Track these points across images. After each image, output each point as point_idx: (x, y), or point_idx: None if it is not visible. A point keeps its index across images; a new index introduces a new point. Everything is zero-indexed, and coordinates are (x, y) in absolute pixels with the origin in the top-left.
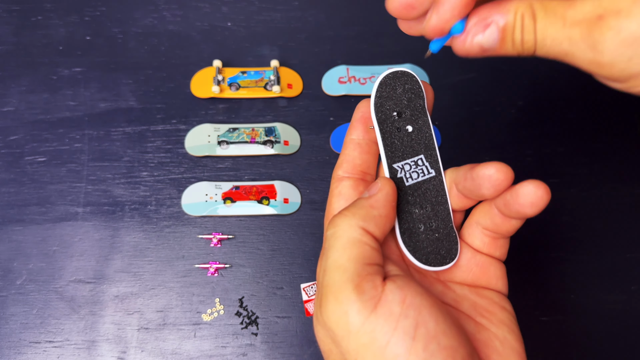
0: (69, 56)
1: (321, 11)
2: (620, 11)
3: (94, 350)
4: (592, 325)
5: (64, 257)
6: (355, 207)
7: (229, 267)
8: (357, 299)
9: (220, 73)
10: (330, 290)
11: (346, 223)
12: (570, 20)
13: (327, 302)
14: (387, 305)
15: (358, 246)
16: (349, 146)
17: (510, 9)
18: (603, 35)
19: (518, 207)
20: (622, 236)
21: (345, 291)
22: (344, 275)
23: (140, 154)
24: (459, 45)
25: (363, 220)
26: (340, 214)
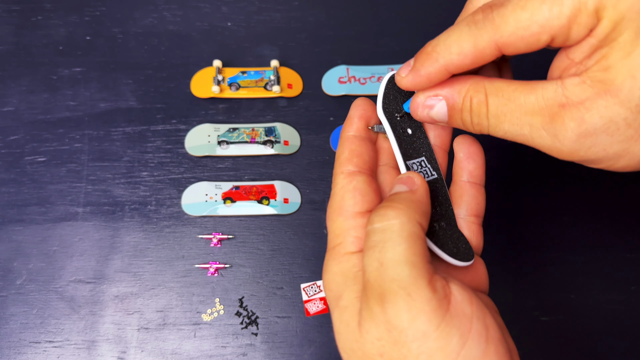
0: (69, 56)
1: (321, 11)
2: (584, 102)
3: (94, 350)
4: (592, 325)
5: (64, 257)
6: (405, 201)
7: (229, 267)
8: (432, 296)
9: (220, 73)
10: (400, 286)
11: (405, 216)
12: (531, 107)
13: (395, 298)
14: (459, 305)
15: (420, 242)
16: (354, 141)
17: (461, 90)
18: (564, 125)
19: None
20: (622, 236)
21: (419, 287)
22: (415, 271)
23: (140, 154)
24: (413, 112)
25: (418, 214)
26: (392, 207)
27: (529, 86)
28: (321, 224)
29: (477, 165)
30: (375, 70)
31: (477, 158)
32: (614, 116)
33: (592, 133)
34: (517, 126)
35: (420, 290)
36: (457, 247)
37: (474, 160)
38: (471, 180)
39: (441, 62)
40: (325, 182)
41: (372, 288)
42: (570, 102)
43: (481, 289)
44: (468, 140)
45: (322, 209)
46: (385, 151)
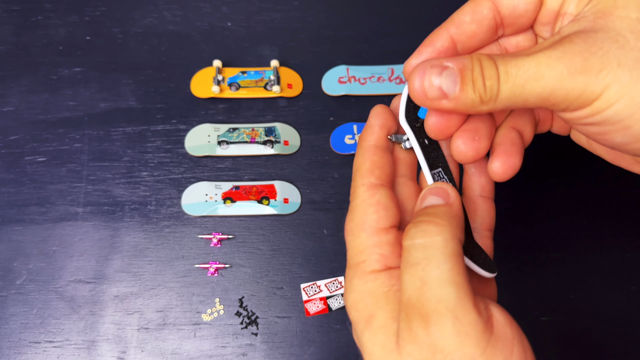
0: (69, 56)
1: (321, 11)
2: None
3: (94, 350)
4: (592, 325)
5: (64, 257)
6: (445, 216)
7: (229, 267)
8: (479, 319)
9: (220, 73)
10: (447, 308)
11: (448, 233)
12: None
13: (442, 320)
14: (501, 328)
15: (462, 261)
16: (376, 152)
17: (466, 56)
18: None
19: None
20: (622, 236)
21: (465, 310)
22: (461, 292)
23: (140, 154)
24: (422, 92)
25: (459, 230)
26: (434, 223)
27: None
28: (321, 224)
29: (489, 180)
30: (375, 70)
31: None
32: None
33: None
34: (536, 75)
35: (467, 313)
36: (482, 260)
37: (485, 174)
38: (484, 195)
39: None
40: (325, 182)
41: (414, 308)
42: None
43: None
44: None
45: (322, 209)
46: (402, 162)
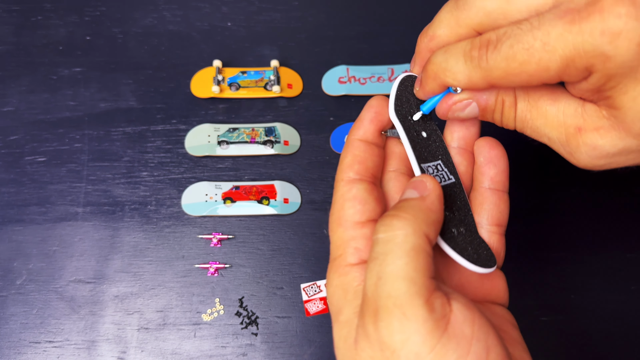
0: (69, 56)
1: (321, 11)
2: (599, 129)
3: (94, 350)
4: (592, 325)
5: (64, 257)
6: (413, 210)
7: (229, 267)
8: (429, 317)
9: (220, 73)
10: (395, 304)
11: (410, 228)
12: (551, 119)
13: (389, 316)
14: (458, 326)
15: (423, 256)
16: (359, 146)
17: (493, 92)
18: (579, 147)
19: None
20: (622, 236)
21: (415, 306)
22: (412, 288)
23: (140, 154)
24: (441, 114)
25: (425, 225)
26: (398, 217)
27: (554, 94)
28: (321, 224)
29: (499, 171)
30: (375, 70)
31: (498, 162)
32: (627, 145)
33: (606, 156)
34: (537, 134)
35: (415, 309)
36: (477, 253)
37: (495, 165)
38: (492, 187)
39: (443, 84)
40: (325, 182)
41: (368, 303)
42: (586, 127)
43: (499, 301)
44: (489, 143)
45: (322, 209)
46: (396, 156)
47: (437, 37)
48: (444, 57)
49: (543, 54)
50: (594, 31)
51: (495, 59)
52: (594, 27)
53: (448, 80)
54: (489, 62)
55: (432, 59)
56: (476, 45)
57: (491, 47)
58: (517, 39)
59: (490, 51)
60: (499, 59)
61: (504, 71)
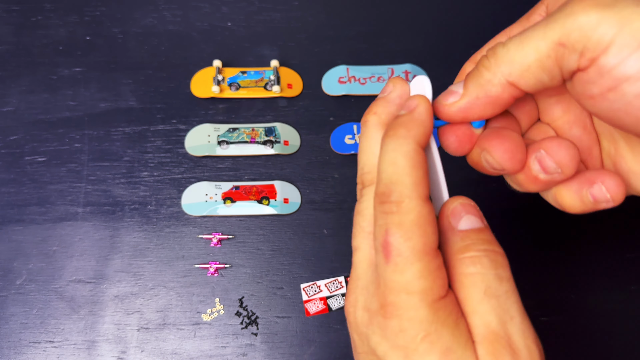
0: (69, 56)
1: (321, 11)
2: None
3: (94, 350)
4: (592, 325)
5: (64, 257)
6: (497, 244)
7: (229, 267)
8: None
9: (220, 73)
10: (530, 344)
11: (506, 262)
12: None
13: (530, 355)
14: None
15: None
16: (424, 158)
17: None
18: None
19: None
20: (622, 236)
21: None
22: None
23: (140, 154)
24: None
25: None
26: (496, 253)
27: None
28: (321, 224)
29: None
30: (375, 70)
31: None
32: None
33: None
34: None
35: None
36: None
37: None
38: None
39: None
40: (325, 182)
41: (502, 340)
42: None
43: None
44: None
45: (322, 209)
46: None
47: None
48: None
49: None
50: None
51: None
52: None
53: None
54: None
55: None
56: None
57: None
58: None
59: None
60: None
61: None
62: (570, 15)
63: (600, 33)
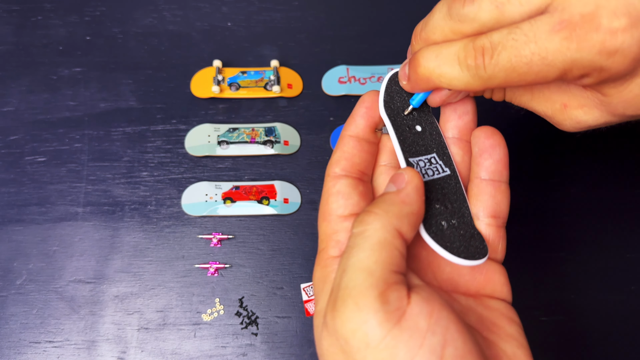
0: (69, 56)
1: (321, 11)
2: (584, 107)
3: (94, 350)
4: (592, 325)
5: (64, 257)
6: (385, 204)
7: (229, 267)
8: (380, 308)
9: (220, 73)
10: (350, 294)
11: (379, 223)
12: (538, 95)
13: (343, 307)
14: (412, 319)
15: (388, 250)
16: (348, 142)
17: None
18: (564, 120)
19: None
20: (622, 236)
21: (368, 297)
22: (369, 280)
23: (140, 154)
24: (435, 103)
25: (397, 219)
26: (370, 212)
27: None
28: None
29: (495, 160)
30: (375, 70)
31: (494, 152)
32: (608, 120)
33: (588, 127)
34: (525, 106)
35: (368, 300)
36: (466, 246)
37: (490, 155)
38: (489, 177)
39: (436, 87)
40: None
41: (331, 294)
42: (572, 104)
43: (497, 296)
44: (485, 132)
45: None
46: (388, 150)
47: (431, 41)
48: (437, 63)
49: (542, 67)
50: (591, 49)
51: (493, 70)
52: (591, 46)
53: (443, 85)
54: (487, 72)
55: (422, 62)
56: (471, 53)
57: (487, 57)
58: (514, 52)
59: (487, 61)
60: (497, 70)
61: (503, 80)
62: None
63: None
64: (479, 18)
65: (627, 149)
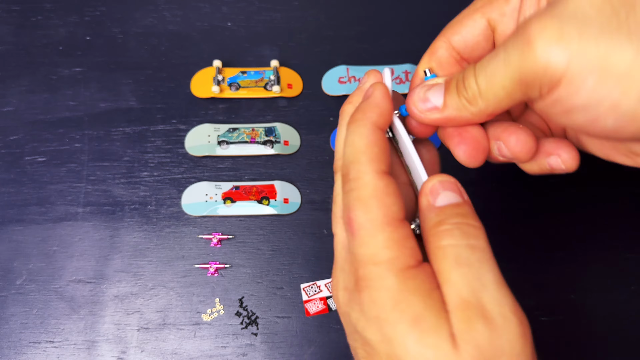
0: (69, 56)
1: (321, 11)
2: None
3: (94, 350)
4: (592, 325)
5: (64, 257)
6: (475, 218)
7: (229, 267)
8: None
9: (220, 73)
10: (508, 312)
11: (485, 236)
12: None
13: (505, 323)
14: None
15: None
16: (382, 135)
17: (453, 74)
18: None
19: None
20: (622, 236)
21: (511, 314)
22: (511, 298)
23: (140, 154)
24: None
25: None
26: (470, 226)
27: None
28: (321, 224)
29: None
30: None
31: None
32: None
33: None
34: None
35: (511, 317)
36: None
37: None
38: None
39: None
40: (325, 182)
41: (475, 309)
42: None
43: None
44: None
45: (322, 209)
46: None
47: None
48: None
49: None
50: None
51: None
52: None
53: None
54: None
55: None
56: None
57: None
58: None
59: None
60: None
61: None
62: (524, 53)
63: (551, 70)
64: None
65: None
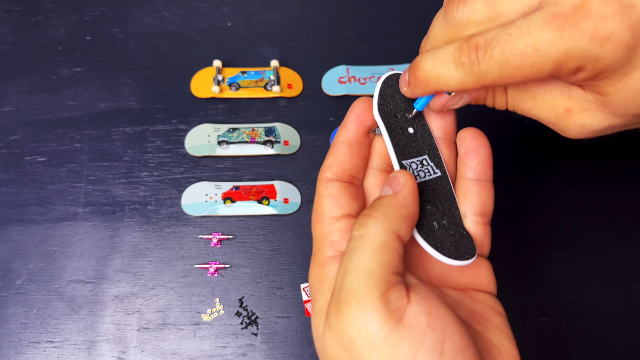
0: (69, 56)
1: (321, 11)
2: (587, 110)
3: (94, 350)
4: (592, 325)
5: (64, 257)
6: (384, 207)
7: (229, 267)
8: (383, 308)
9: (220, 73)
10: (353, 296)
11: (379, 226)
12: (540, 101)
13: (348, 307)
14: (413, 317)
15: (388, 252)
16: (339, 148)
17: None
18: (568, 126)
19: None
20: (622, 236)
21: (371, 298)
22: (371, 281)
23: (140, 154)
24: (436, 108)
25: (396, 222)
26: (369, 216)
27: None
28: None
29: (480, 160)
30: (375, 70)
31: (479, 152)
32: (612, 123)
33: (593, 132)
34: (528, 114)
35: (371, 301)
36: (456, 246)
37: (475, 155)
38: (475, 177)
39: (435, 90)
40: None
41: (334, 295)
42: (574, 108)
43: (484, 289)
44: (470, 133)
45: None
46: (378, 153)
47: None
48: (433, 65)
49: (536, 58)
50: (584, 37)
51: (487, 65)
52: (583, 33)
53: (441, 87)
54: (481, 68)
55: (420, 66)
56: (465, 51)
57: (481, 53)
58: (508, 45)
59: (481, 57)
60: (491, 64)
61: (497, 75)
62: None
63: None
64: (474, 19)
65: (627, 149)
